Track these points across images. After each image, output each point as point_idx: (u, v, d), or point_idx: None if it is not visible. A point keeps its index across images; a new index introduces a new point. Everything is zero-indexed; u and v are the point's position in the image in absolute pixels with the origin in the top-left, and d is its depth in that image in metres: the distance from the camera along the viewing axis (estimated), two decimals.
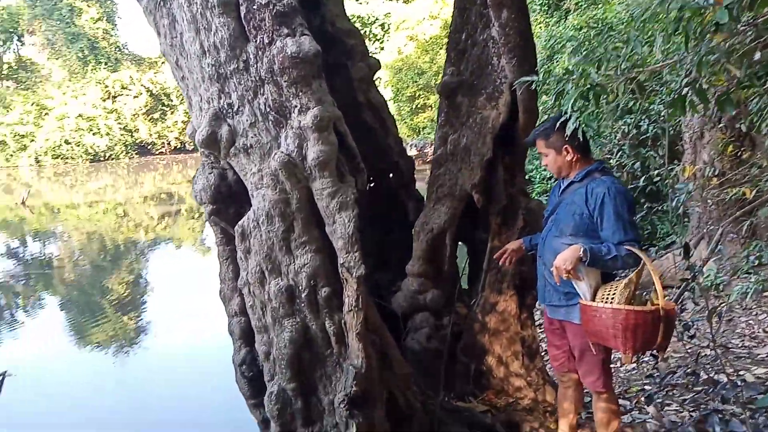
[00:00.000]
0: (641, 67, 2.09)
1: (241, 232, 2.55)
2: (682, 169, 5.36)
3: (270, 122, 2.46)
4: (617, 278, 2.36)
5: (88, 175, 29.97)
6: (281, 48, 2.36)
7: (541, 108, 3.92)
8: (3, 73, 38.43)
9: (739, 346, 3.82)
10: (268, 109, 2.46)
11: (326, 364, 2.51)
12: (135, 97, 37.43)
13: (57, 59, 38.50)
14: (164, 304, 8.35)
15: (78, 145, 34.06)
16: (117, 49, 40.80)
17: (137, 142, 37.25)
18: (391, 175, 3.36)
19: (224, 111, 2.52)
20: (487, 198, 3.08)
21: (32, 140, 33.49)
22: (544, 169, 8.93)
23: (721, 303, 4.14)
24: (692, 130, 5.33)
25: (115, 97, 37.22)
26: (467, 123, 3.01)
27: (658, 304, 2.10)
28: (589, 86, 1.93)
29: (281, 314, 2.49)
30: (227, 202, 2.80)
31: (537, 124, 3.07)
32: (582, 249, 2.16)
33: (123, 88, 37.31)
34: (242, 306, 2.74)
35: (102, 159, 34.84)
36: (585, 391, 2.64)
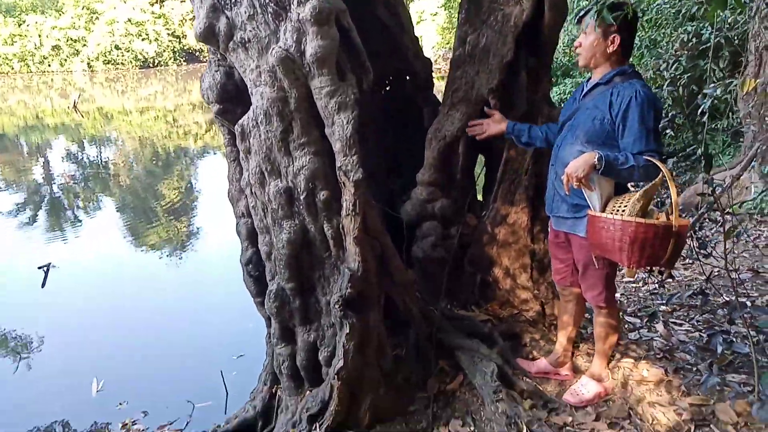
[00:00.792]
0: None
1: (240, 131, 2.50)
2: (741, 82, 4.87)
3: (269, 14, 2.32)
4: (632, 192, 2.21)
5: (138, 81, 30.43)
6: None
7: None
8: None
9: None
10: (267, 1, 2.31)
11: (324, 266, 2.53)
12: (182, 1, 36.86)
13: None
14: (213, 209, 8.60)
15: (128, 51, 34.33)
16: None
17: (185, 48, 37.16)
18: (407, 77, 3.18)
19: (222, 2, 2.39)
20: (507, 104, 2.89)
21: (84, 45, 33.94)
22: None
23: (743, 223, 3.88)
24: (759, 39, 4.76)
25: (162, 1, 36.79)
26: (488, 21, 2.76)
27: (671, 220, 1.97)
28: None
29: (280, 216, 2.48)
30: (234, 101, 2.72)
31: (564, 22, 2.80)
32: (597, 156, 2.01)
33: None
34: (248, 207, 2.75)
35: (151, 65, 35.14)
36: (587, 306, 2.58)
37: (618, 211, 2.05)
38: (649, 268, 2.35)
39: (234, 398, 3.53)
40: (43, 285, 5.74)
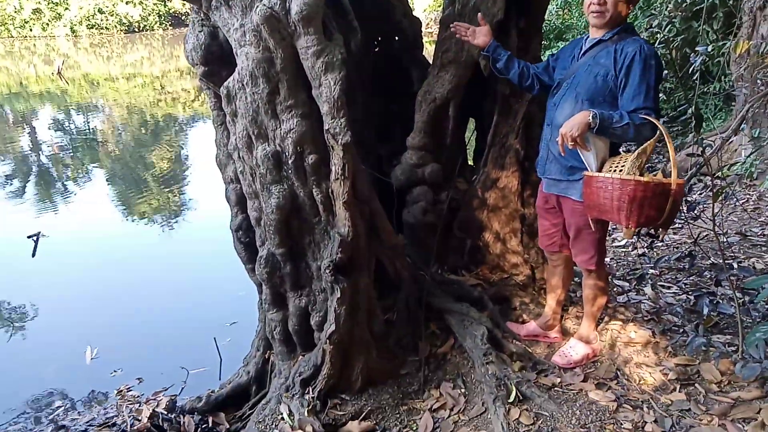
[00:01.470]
0: None
1: (226, 93, 2.44)
2: (734, 44, 4.81)
3: None
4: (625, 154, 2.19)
5: (124, 47, 29.69)
6: None
7: None
8: None
9: (759, 234, 3.65)
10: None
11: (314, 231, 2.51)
12: None
13: None
14: (203, 177, 8.51)
15: (112, 15, 33.40)
16: None
17: (171, 12, 36.19)
18: (396, 37, 3.11)
19: None
20: None
21: (66, 8, 32.96)
22: None
23: (730, 184, 3.89)
24: (753, 0, 4.68)
25: None
26: None
27: (670, 179, 1.95)
28: None
29: (269, 180, 2.44)
30: (219, 63, 2.64)
31: None
32: (591, 114, 1.98)
33: None
34: (236, 172, 2.71)
35: (136, 30, 34.27)
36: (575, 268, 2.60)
37: (615, 170, 2.03)
38: (643, 229, 2.35)
39: (228, 364, 3.55)
40: (33, 254, 5.70)
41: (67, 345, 4.04)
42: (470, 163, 3.24)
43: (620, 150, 2.28)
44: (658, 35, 5.81)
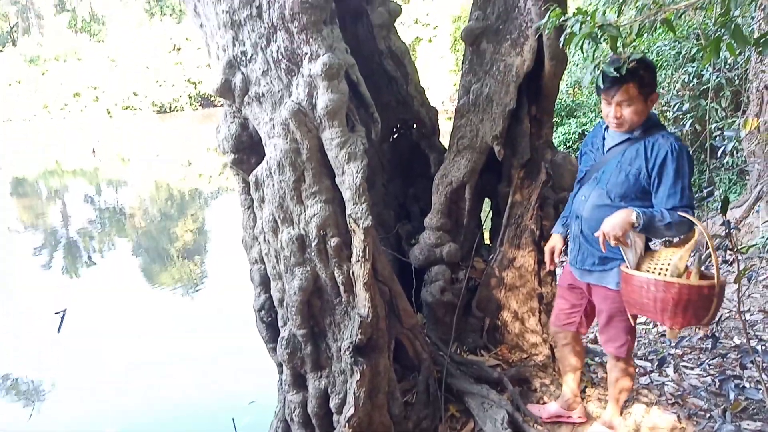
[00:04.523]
0: (665, 6, 1.91)
1: (255, 181, 2.60)
2: (744, 121, 4.94)
3: (282, 70, 2.45)
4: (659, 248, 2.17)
5: (155, 126, 31.24)
6: None
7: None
8: (78, 26, 40.11)
9: None
10: (280, 57, 2.44)
11: (335, 312, 2.57)
12: (199, 48, 38.15)
13: (125, 11, 39.64)
14: (227, 252, 8.70)
15: (145, 97, 35.42)
16: (181, 1, 41.43)
17: (200, 94, 38.24)
18: (414, 125, 3.29)
19: (238, 59, 2.52)
20: (511, 150, 2.98)
21: (103, 92, 35.09)
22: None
23: (752, 265, 3.86)
24: (760, 79, 4.85)
25: (179, 49, 38.13)
26: (490, 71, 2.88)
27: (713, 278, 1.89)
28: (599, 26, 1.77)
29: (292, 263, 2.54)
30: (248, 151, 2.83)
31: (564, 72, 2.90)
32: (634, 214, 1.94)
33: (187, 39, 38.09)
34: (261, 254, 2.82)
35: (168, 110, 36.15)
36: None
37: (657, 270, 1.97)
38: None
39: None
40: (58, 330, 5.81)
41: (88, 423, 4.04)
42: (487, 242, 3.31)
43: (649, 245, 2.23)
44: (668, 113, 5.98)
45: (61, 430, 4.04)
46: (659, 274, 1.95)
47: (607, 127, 2.21)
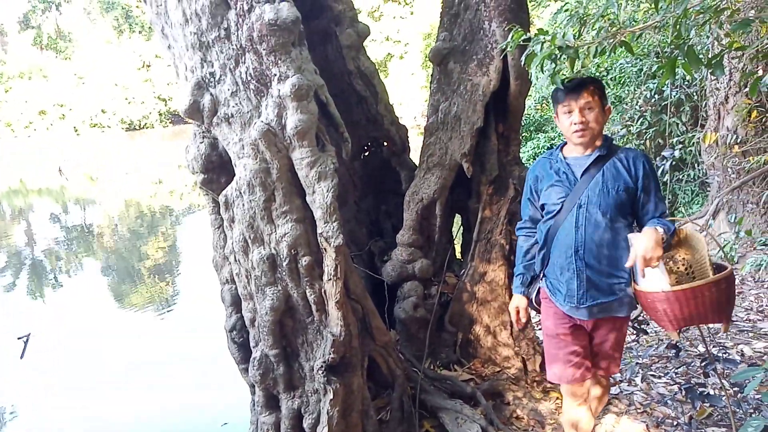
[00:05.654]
0: (623, 28, 2.00)
1: (225, 201, 2.59)
2: (704, 136, 5.14)
3: (251, 91, 2.46)
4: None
5: (125, 144, 30.73)
6: (260, 15, 2.33)
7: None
8: (43, 43, 39.38)
9: (744, 319, 3.71)
10: (249, 78, 2.45)
11: (308, 331, 2.56)
12: (168, 65, 37.85)
13: (93, 28, 39.17)
14: (197, 271, 8.57)
15: (114, 114, 34.90)
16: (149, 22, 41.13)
17: (170, 110, 37.88)
18: (385, 143, 3.33)
19: (207, 80, 2.53)
20: (480, 167, 3.03)
21: (70, 109, 34.45)
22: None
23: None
24: (716, 96, 5.06)
25: (149, 66, 37.78)
26: (458, 90, 2.94)
27: (726, 266, 1.94)
28: (559, 47, 1.84)
29: (264, 282, 2.53)
30: (218, 171, 2.82)
31: (529, 91, 2.98)
32: (662, 229, 1.88)
33: (156, 57, 37.76)
34: (231, 274, 2.80)
35: (137, 128, 35.66)
36: None
37: (687, 276, 2.01)
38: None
39: None
40: (21, 356, 5.62)
41: None
42: (458, 257, 3.35)
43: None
44: (632, 128, 6.18)
45: None
46: (692, 279, 1.98)
47: (559, 157, 2.12)
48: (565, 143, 2.16)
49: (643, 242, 1.85)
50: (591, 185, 2.03)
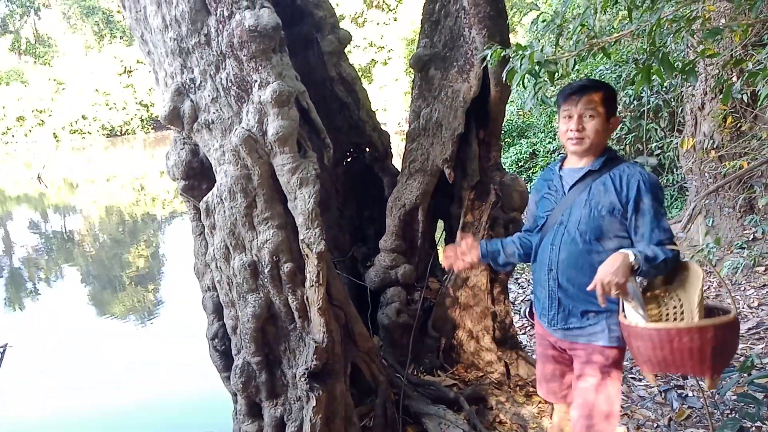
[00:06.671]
0: (598, 38, 2.03)
1: (206, 207, 2.57)
2: (681, 141, 5.23)
3: (232, 97, 2.45)
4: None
5: (105, 150, 30.35)
6: (240, 21, 2.33)
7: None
8: (22, 48, 38.79)
9: None
10: (229, 84, 2.44)
11: (290, 338, 2.54)
12: (150, 71, 37.51)
13: (73, 33, 38.70)
14: (180, 278, 8.47)
15: (95, 120, 34.45)
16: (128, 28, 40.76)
17: (153, 116, 37.48)
18: (367, 149, 3.34)
19: (187, 86, 2.52)
20: (461, 172, 3.06)
21: (50, 115, 33.93)
22: None
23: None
24: (693, 102, 5.16)
25: (130, 71, 37.38)
26: (439, 97, 2.96)
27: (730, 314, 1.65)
28: (538, 62, 1.86)
29: (245, 289, 2.51)
30: (199, 177, 2.80)
31: (509, 98, 3.00)
32: (632, 255, 1.67)
33: (138, 62, 37.40)
34: (213, 281, 2.78)
35: (119, 134, 35.23)
36: None
37: (672, 316, 1.74)
38: None
39: None
40: None
41: None
42: (441, 262, 3.36)
43: None
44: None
45: None
46: (675, 320, 1.69)
47: (560, 167, 2.00)
48: None
49: (604, 266, 1.69)
50: (576, 202, 1.88)
